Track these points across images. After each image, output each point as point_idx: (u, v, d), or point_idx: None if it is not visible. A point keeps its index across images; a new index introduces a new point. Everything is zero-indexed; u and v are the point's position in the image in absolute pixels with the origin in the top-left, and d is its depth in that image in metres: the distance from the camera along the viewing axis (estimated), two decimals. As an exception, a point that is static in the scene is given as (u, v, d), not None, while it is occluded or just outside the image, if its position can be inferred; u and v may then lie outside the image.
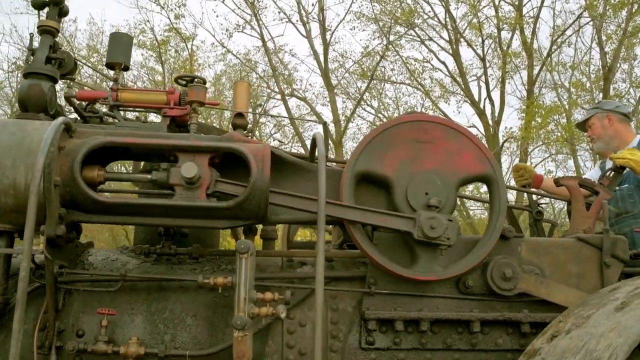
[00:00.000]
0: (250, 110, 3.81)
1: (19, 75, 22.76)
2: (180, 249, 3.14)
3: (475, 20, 22.09)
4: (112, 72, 3.43)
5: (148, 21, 25.26)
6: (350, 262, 3.16)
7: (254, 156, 2.75)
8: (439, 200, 2.86)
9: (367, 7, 22.98)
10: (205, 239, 3.33)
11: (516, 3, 21.45)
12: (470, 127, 22.72)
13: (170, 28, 23.39)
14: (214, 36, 32.71)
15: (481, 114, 21.90)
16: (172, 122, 3.13)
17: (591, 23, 21.15)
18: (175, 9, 23.32)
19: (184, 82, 3.46)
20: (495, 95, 21.91)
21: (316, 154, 2.80)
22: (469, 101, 22.26)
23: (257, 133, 26.41)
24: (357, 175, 2.94)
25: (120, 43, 3.38)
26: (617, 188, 4.32)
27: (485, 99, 22.05)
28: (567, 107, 22.07)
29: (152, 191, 2.84)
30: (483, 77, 22.23)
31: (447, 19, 22.36)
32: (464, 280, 2.99)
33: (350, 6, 23.13)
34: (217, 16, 34.55)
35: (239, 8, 23.27)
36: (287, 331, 2.96)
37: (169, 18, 23.33)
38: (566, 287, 3.04)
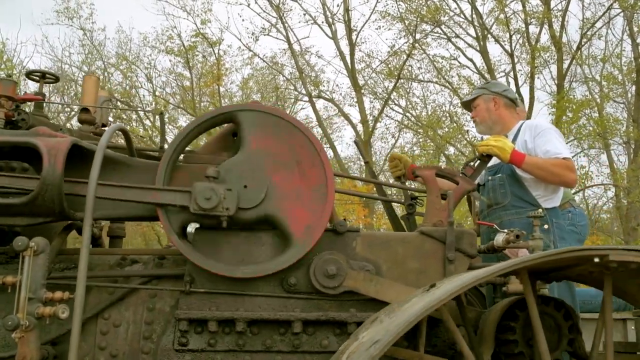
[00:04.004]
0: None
1: (51, 85, 23.30)
2: None
3: (502, 15, 21.61)
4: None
5: (175, 27, 25.42)
6: (182, 259, 3.02)
7: (49, 151, 2.64)
8: (217, 170, 2.71)
9: (392, 6, 22.73)
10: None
11: (543, -4, 20.91)
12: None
13: (197, 33, 23.63)
14: (240, 40, 32.83)
15: (511, 110, 21.32)
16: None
17: (622, 14, 20.48)
18: (201, 14, 23.58)
19: (36, 78, 3.39)
20: (525, 90, 21.33)
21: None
22: (498, 98, 21.70)
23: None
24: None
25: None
26: (489, 178, 4.05)
27: (514, 95, 21.49)
28: (598, 100, 21.43)
29: None
30: (512, 73, 21.74)
31: (474, 16, 21.96)
32: (287, 278, 2.83)
33: (376, 6, 22.95)
34: (242, 20, 34.66)
35: (264, 11, 23.41)
36: (100, 332, 2.85)
37: (195, 24, 23.62)
38: (398, 285, 2.84)
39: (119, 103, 21.12)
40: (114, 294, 2.89)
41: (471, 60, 22.47)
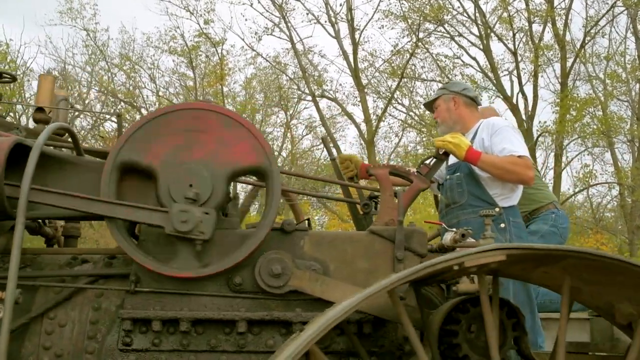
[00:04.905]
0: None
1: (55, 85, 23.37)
2: None
3: (505, 14, 21.54)
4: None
5: (178, 27, 25.43)
6: (131, 259, 3.00)
7: (-11, 150, 2.64)
8: (196, 192, 2.69)
9: (395, 5, 22.67)
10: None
11: (547, -5, 20.82)
12: (503, 122, 22.12)
13: (200, 33, 23.68)
14: (243, 40, 32.69)
15: (514, 109, 21.29)
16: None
17: (626, 12, 20.41)
18: (204, 14, 23.59)
19: (-9, 78, 3.39)
20: (528, 89, 21.31)
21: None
22: (501, 96, 21.68)
23: (288, 134, 26.50)
24: (119, 167, 2.80)
25: None
26: (448, 177, 4.01)
27: (518, 94, 21.49)
28: (602, 99, 21.32)
29: None
30: (515, 72, 21.70)
31: (477, 14, 21.87)
32: (232, 278, 2.81)
33: (379, 5, 22.83)
34: (245, 20, 34.30)
35: (267, 11, 23.36)
36: (45, 332, 2.83)
37: (198, 24, 23.63)
38: (345, 285, 2.81)
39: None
40: (60, 294, 2.88)
41: (474, 59, 22.40)
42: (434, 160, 3.29)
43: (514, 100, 21.35)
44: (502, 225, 3.71)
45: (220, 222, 2.88)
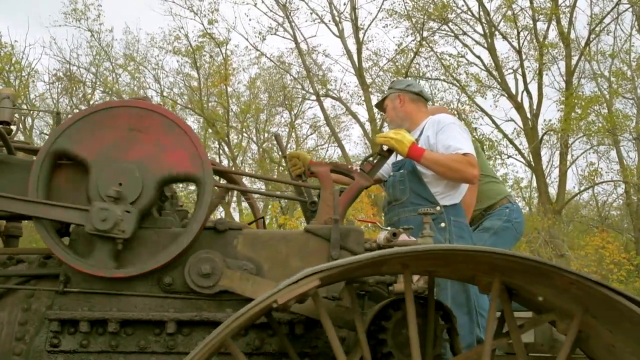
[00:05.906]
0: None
1: (59, 86, 23.54)
2: None
3: (509, 12, 21.37)
4: None
5: (182, 28, 25.43)
6: (68, 259, 2.97)
7: None
8: (118, 191, 2.65)
9: (399, 4, 22.54)
10: None
11: (551, -7, 20.63)
12: (508, 121, 22.06)
13: (204, 34, 23.61)
14: (247, 40, 32.77)
15: (519, 107, 21.13)
16: None
17: (631, 9, 20.20)
18: (208, 14, 23.56)
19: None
20: (533, 87, 21.11)
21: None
22: (505, 95, 21.52)
23: (292, 134, 26.44)
24: (53, 154, 2.77)
25: None
26: (391, 174, 3.93)
27: (522, 92, 21.29)
28: (607, 97, 21.10)
29: None
30: (520, 70, 21.49)
31: (481, 13, 21.70)
32: (162, 278, 2.77)
33: (382, 4, 22.70)
34: (249, 20, 34.29)
35: (271, 11, 23.31)
36: (-27, 333, 2.80)
37: (202, 24, 23.59)
38: (276, 285, 2.76)
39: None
40: (-10, 294, 2.85)
41: (479, 57, 22.22)
42: (378, 157, 3.23)
43: (519, 99, 21.19)
44: (443, 224, 3.61)
45: (153, 220, 2.85)
